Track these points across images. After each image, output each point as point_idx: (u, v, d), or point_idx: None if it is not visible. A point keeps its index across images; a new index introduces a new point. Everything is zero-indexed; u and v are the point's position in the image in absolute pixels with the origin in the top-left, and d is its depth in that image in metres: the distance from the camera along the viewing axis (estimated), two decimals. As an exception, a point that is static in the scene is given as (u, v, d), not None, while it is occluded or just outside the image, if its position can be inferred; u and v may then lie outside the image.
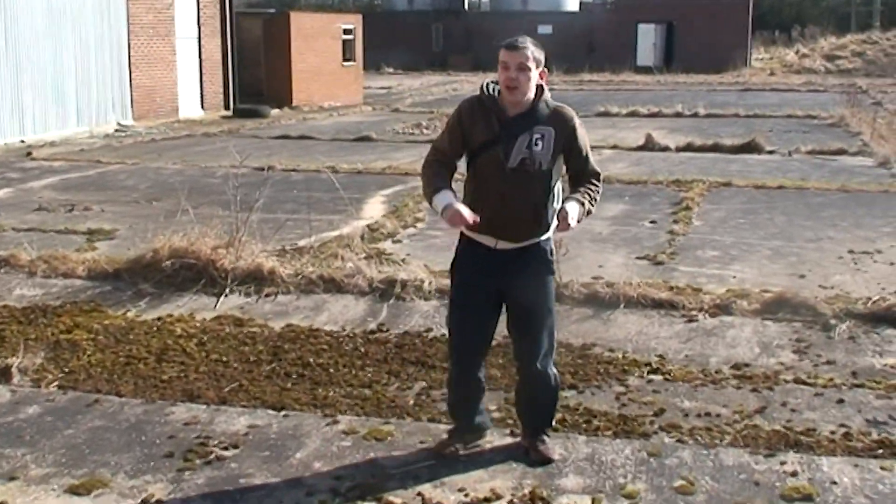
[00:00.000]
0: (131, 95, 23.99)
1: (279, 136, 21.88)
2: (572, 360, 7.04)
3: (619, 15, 53.32)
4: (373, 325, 7.92)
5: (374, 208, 12.78)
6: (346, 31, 33.11)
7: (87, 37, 22.46)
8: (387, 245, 10.51)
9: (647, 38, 53.32)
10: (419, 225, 11.66)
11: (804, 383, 6.59)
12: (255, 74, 29.88)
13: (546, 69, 4.91)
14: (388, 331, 7.80)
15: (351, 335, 7.70)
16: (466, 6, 61.65)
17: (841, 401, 6.28)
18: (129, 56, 23.86)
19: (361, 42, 34.25)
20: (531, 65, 4.75)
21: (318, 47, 31.24)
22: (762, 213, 12.23)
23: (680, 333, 7.60)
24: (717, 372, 6.82)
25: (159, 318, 8.19)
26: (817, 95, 34.09)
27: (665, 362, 7.00)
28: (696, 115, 26.58)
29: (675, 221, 11.64)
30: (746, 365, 6.94)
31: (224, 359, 7.22)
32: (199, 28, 26.69)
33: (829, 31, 56.65)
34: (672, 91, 36.18)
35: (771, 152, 18.33)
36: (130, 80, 23.94)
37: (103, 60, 23.01)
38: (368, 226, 11.44)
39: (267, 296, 8.64)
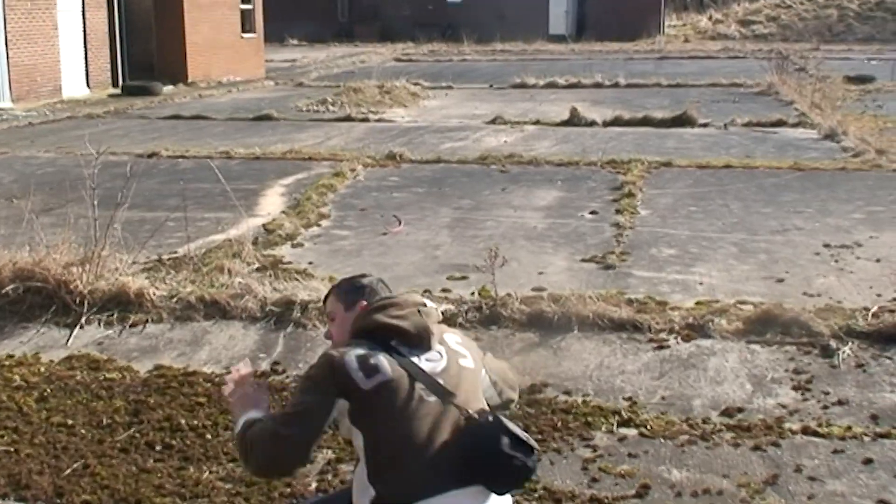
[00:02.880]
0: (9, 75, 21.71)
1: (170, 115, 19.92)
2: (519, 409, 5.48)
3: (529, -18, 51.78)
4: (265, 365, 6.28)
5: (272, 202, 11.08)
6: (244, 1, 31.03)
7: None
8: (285, 251, 8.83)
9: (559, 5, 51.85)
10: (324, 223, 10.00)
11: (816, 434, 5.17)
12: (147, 49, 27.66)
13: (365, 302, 3.35)
14: (284, 372, 6.18)
15: (237, 380, 6.05)
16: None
17: (868, 461, 4.89)
18: (5, 31, 21.57)
19: (262, 12, 32.18)
20: (336, 309, 3.44)
21: (215, 18, 29.12)
22: (714, 199, 10.82)
23: (650, 365, 6.10)
24: (704, 421, 5.36)
25: (-7, 361, 6.46)
26: (737, 62, 33.02)
27: (637, 409, 5.51)
28: (616, 85, 25.22)
29: (619, 211, 10.16)
30: (740, 410, 5.49)
31: (69, 422, 5.54)
32: (83, -1, 24.44)
33: (742, -3, 55.87)
34: (588, 60, 34.78)
35: (705, 125, 17.02)
36: (7, 59, 21.66)
37: (-27, 35, 20.76)
38: (264, 225, 9.75)
39: (133, 326, 6.95)
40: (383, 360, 3.06)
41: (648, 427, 5.27)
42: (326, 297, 3.47)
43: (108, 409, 5.68)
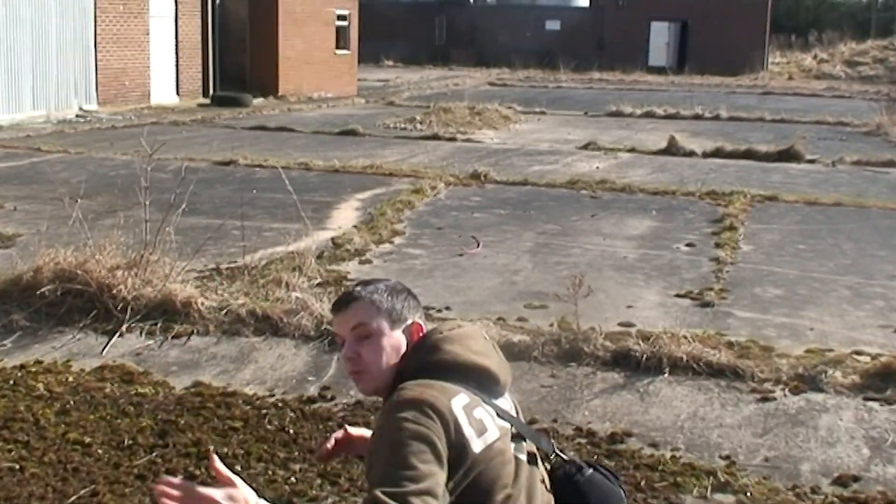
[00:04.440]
0: (96, 78, 21.58)
1: (255, 126, 19.51)
2: (596, 459, 4.70)
3: (631, 12, 50.84)
4: (313, 390, 5.61)
5: (345, 216, 10.44)
6: (340, 17, 30.73)
7: (47, 10, 20.08)
8: (351, 267, 8.16)
9: (660, 36, 50.83)
10: (397, 240, 9.32)
11: (949, 514, 4.30)
12: (240, 60, 27.49)
13: (420, 323, 2.62)
14: (332, 399, 5.49)
15: (279, 404, 5.39)
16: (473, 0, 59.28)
17: None
18: (96, 34, 21.45)
19: (357, 30, 31.88)
20: (376, 324, 2.54)
21: (309, 33, 28.86)
22: (825, 238, 9.89)
23: (752, 420, 5.27)
24: (814, 490, 4.54)
25: (22, 367, 5.91)
26: (843, 101, 31.73)
27: (736, 470, 4.70)
28: (717, 117, 24.20)
29: (719, 245, 9.29)
30: (855, 479, 4.66)
31: (87, 440, 4.93)
32: (177, 6, 24.28)
33: (848, 37, 54.21)
34: (688, 92, 33.75)
35: (812, 161, 15.99)
36: (96, 61, 21.54)
37: (65, 38, 20.61)
38: (333, 239, 9.10)
39: (176, 337, 6.33)
40: (485, 413, 2.37)
41: (748, 494, 4.47)
42: (344, 303, 2.58)
43: (132, 427, 5.05)
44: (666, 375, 5.72)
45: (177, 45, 24.40)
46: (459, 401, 2.33)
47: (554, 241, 9.45)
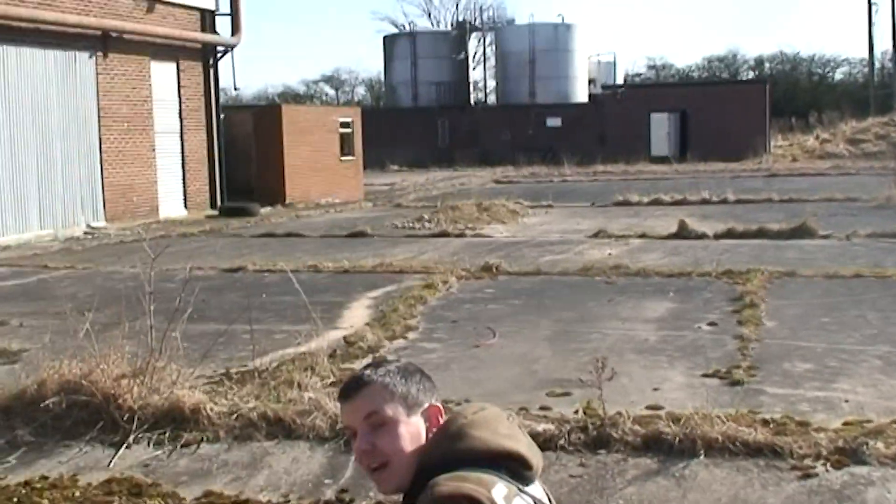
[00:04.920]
0: (103, 195, 21.62)
1: (263, 234, 19.44)
2: (636, 551, 4.41)
3: (630, 105, 51.31)
4: (330, 493, 5.34)
5: (357, 314, 10.23)
6: (343, 125, 30.91)
7: (51, 129, 20.20)
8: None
9: (661, 127, 51.18)
10: (411, 335, 9.09)
11: None
12: (247, 171, 27.58)
13: (438, 406, 2.40)
14: (351, 502, 5.22)
15: (296, 511, 5.11)
16: (472, 101, 59.86)
17: None
18: (101, 151, 21.56)
19: (360, 136, 32.06)
20: (391, 410, 2.31)
21: (314, 141, 29.00)
22: (848, 310, 9.63)
23: (796, 499, 4.98)
24: (872, 570, 4.21)
25: (26, 483, 5.66)
26: (849, 178, 31.70)
27: (786, 553, 4.39)
28: (725, 201, 24.11)
29: (741, 323, 9.03)
30: (914, 555, 4.34)
31: (94, 559, 4.64)
32: (182, 122, 24.45)
33: (849, 115, 54.49)
34: (693, 179, 33.78)
35: (825, 237, 15.80)
36: (102, 178, 21.60)
37: (70, 156, 20.70)
38: (345, 338, 8.87)
39: (185, 445, 6.07)
40: None
41: (802, 578, 4.16)
42: (353, 389, 2.33)
43: (141, 543, 4.78)
44: (701, 458, 5.43)
45: (183, 160, 24.51)
46: (499, 492, 2.09)
47: (571, 327, 9.21)
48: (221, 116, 26.10)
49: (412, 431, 2.28)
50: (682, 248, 15.11)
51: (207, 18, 25.13)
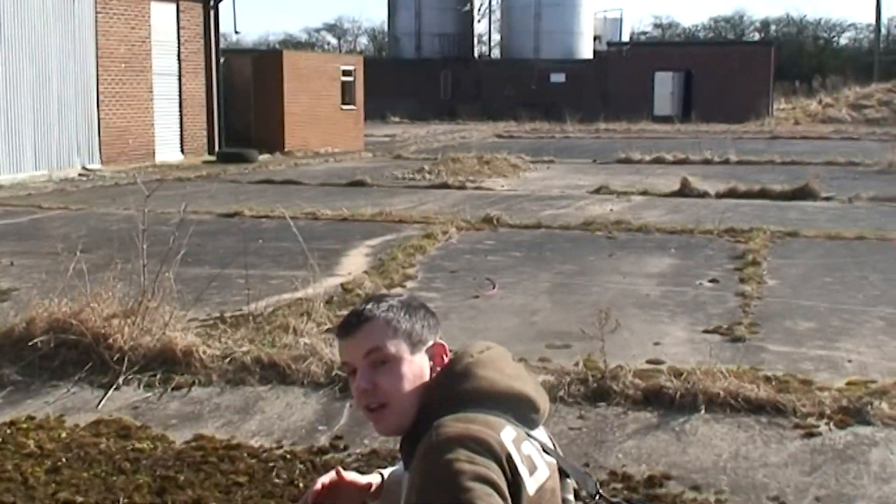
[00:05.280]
0: (99, 137, 21.38)
1: (261, 180, 19.27)
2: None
3: (634, 63, 50.85)
4: (324, 440, 5.22)
5: (355, 262, 10.10)
6: (345, 73, 30.59)
7: (48, 69, 19.93)
8: (361, 312, 7.80)
9: (665, 86, 50.76)
10: (409, 284, 8.96)
11: None
12: (245, 117, 27.31)
13: (443, 344, 2.21)
14: (345, 448, 5.10)
15: (288, 456, 5.00)
16: (476, 54, 59.33)
17: None
18: (98, 93, 21.29)
19: (363, 85, 31.74)
20: (394, 347, 2.14)
21: (314, 89, 28.71)
22: (851, 270, 9.51)
23: (799, 457, 4.87)
24: (874, 531, 4.12)
25: (12, 423, 5.55)
26: (852, 143, 31.45)
27: (787, 512, 4.29)
28: (727, 161, 23.91)
29: (743, 280, 8.92)
30: (918, 517, 4.24)
31: (79, 499, 4.58)
32: (180, 64, 24.16)
33: (852, 81, 54.12)
34: (695, 139, 33.44)
35: (828, 199, 15.65)
36: (99, 120, 21.34)
37: (67, 97, 20.44)
38: (342, 284, 8.75)
39: (176, 388, 5.96)
40: (532, 448, 2.00)
41: (804, 537, 4.06)
42: (354, 324, 2.16)
43: (128, 485, 4.68)
44: (702, 413, 5.33)
45: (181, 103, 24.24)
46: (507, 434, 1.95)
47: (572, 280, 9.09)
48: (221, 60, 25.80)
49: (415, 370, 2.13)
50: (683, 205, 14.95)
51: (210, -40, 24.78)
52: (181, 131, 24.30)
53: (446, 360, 2.16)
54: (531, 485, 1.92)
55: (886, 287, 8.78)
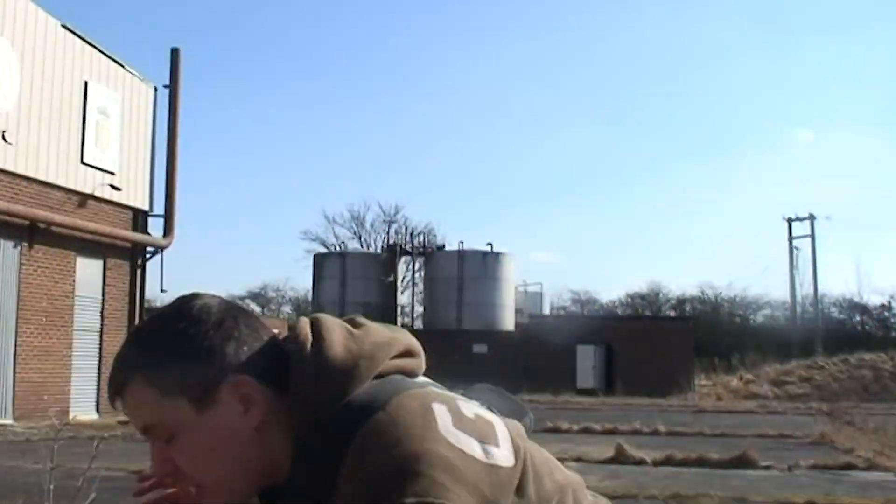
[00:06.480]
0: (13, 392, 20.52)
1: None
2: None
3: (556, 336, 51.52)
4: None
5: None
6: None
7: (-37, 320, 19.31)
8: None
9: (587, 359, 51.32)
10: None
11: None
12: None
13: (244, 377, 1.52)
14: None
15: None
16: (399, 325, 59.64)
17: None
18: (16, 346, 20.60)
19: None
20: (168, 416, 1.49)
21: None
22: (810, 536, 9.06)
23: None
24: None
25: None
26: (778, 417, 31.62)
27: None
28: (656, 432, 23.68)
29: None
30: None
31: None
32: (103, 321, 23.68)
33: (772, 358, 55.30)
34: (622, 411, 33.47)
35: (767, 467, 15.33)
36: (14, 375, 20.55)
37: (-18, 348, 19.74)
38: None
39: None
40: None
41: None
42: (113, 392, 1.56)
43: None
44: None
45: (100, 361, 23.57)
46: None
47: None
48: (144, 317, 25.37)
49: (221, 427, 1.49)
50: (621, 472, 14.48)
51: (140, 218, 24.78)
52: (98, 389, 23.49)
53: (253, 392, 1.51)
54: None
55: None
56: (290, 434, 1.50)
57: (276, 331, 1.64)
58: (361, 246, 70.79)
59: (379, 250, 63.84)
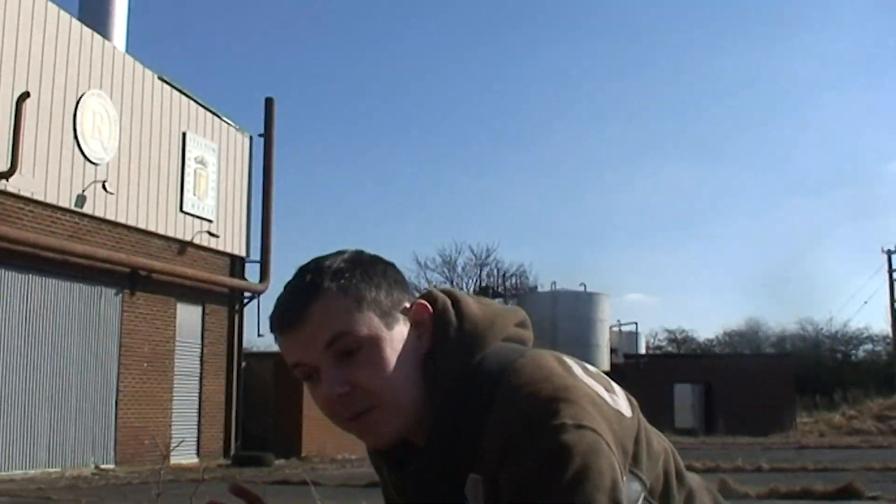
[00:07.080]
0: (116, 436, 20.98)
1: (277, 481, 18.67)
2: None
3: (652, 375, 50.89)
4: None
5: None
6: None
7: (68, 365, 19.82)
8: None
9: (685, 398, 50.59)
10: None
11: None
12: (263, 421, 26.96)
13: (422, 301, 1.66)
14: None
15: None
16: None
17: None
18: (118, 391, 21.08)
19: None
20: (363, 326, 1.56)
21: (334, 393, 28.45)
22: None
23: None
24: None
25: None
26: (882, 451, 30.76)
27: None
28: (759, 469, 23.19)
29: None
30: None
31: None
32: (202, 366, 24.11)
33: (874, 392, 53.90)
34: (722, 450, 32.89)
35: (874, 497, 14.91)
36: (116, 419, 21.01)
37: (86, 393, 20.23)
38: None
39: None
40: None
41: None
42: (302, 307, 1.55)
43: None
44: None
45: (200, 405, 23.98)
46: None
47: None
48: (243, 364, 25.76)
49: (401, 349, 1.57)
50: (724, 505, 14.22)
51: (237, 264, 25.26)
52: (198, 433, 23.89)
53: (428, 318, 1.62)
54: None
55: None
56: (429, 393, 1.60)
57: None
58: (454, 289, 70.67)
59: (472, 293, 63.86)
